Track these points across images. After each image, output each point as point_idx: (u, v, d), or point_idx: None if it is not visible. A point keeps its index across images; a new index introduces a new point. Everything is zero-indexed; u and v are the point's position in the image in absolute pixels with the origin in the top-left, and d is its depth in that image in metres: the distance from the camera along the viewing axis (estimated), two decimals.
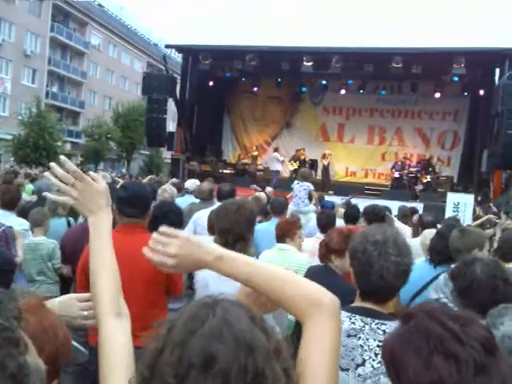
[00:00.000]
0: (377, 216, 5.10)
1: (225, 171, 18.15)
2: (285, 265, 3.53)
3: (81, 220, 5.94)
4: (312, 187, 9.10)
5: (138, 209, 2.90)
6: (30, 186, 10.29)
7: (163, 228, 1.27)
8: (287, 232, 3.94)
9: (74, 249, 3.20)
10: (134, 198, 2.91)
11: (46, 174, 1.48)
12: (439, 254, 3.33)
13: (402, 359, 0.99)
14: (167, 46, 20.86)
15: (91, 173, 1.46)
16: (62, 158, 1.48)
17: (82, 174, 1.41)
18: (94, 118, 40.86)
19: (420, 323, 1.01)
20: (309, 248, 4.27)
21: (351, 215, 5.72)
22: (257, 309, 1.28)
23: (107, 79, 49.38)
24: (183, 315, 0.91)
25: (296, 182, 9.28)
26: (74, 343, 3.41)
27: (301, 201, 8.72)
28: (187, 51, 18.29)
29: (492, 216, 8.20)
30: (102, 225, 1.40)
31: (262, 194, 8.22)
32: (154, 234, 1.27)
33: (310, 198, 9.04)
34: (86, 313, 1.43)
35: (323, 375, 1.03)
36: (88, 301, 1.43)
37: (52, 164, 1.41)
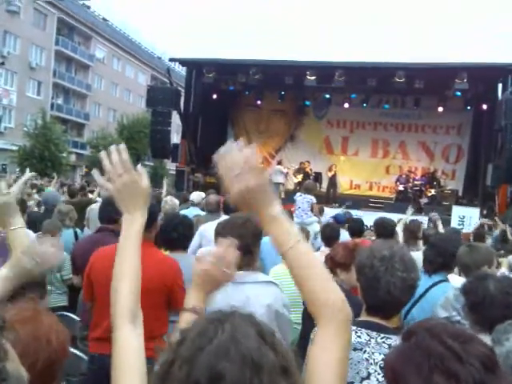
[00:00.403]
0: (386, 230, 5.08)
1: None
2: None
3: (87, 231, 6.00)
4: (314, 200, 9.11)
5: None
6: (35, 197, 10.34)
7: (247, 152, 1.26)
8: None
9: (84, 260, 3.22)
10: None
11: (94, 171, 1.47)
12: (431, 263, 3.35)
13: (403, 377, 0.99)
14: (171, 60, 21.01)
15: (139, 167, 1.43)
16: (122, 146, 1.44)
17: (131, 166, 1.39)
18: (99, 130, 41.08)
19: (421, 341, 1.01)
20: None
21: (356, 228, 5.72)
22: (206, 286, 1.34)
23: (112, 92, 49.76)
24: (193, 329, 0.92)
25: (299, 194, 9.30)
26: (76, 352, 3.41)
27: (304, 213, 8.73)
28: (191, 64, 18.46)
29: (486, 220, 8.14)
30: (133, 226, 1.38)
31: None
32: (234, 156, 1.27)
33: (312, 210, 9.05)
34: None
35: (329, 379, 1.05)
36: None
37: (112, 147, 1.38)
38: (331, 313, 1.14)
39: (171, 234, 3.62)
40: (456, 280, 3.38)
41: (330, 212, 10.33)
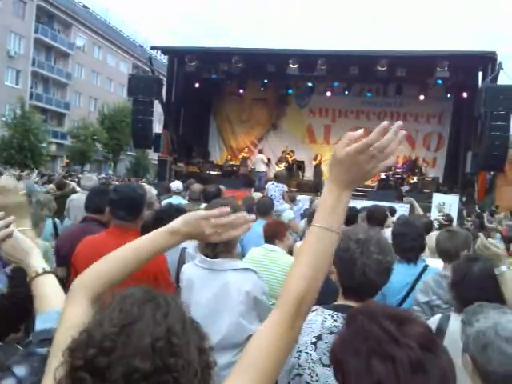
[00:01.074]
0: (380, 216, 5.08)
1: (212, 172, 18.14)
2: (271, 266, 3.58)
3: (68, 222, 5.93)
4: (286, 189, 9.31)
5: (129, 211, 2.90)
6: None
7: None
8: (277, 233, 3.95)
9: (70, 251, 3.16)
10: (126, 201, 2.91)
11: None
12: (412, 250, 3.39)
13: (344, 363, 0.99)
14: (153, 48, 20.78)
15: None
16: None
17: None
18: (80, 120, 40.56)
19: (360, 325, 1.00)
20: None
21: (352, 217, 5.73)
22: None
23: (92, 81, 49.07)
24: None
25: (271, 182, 9.46)
26: None
27: (276, 200, 8.82)
28: (173, 53, 18.27)
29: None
30: (160, 240, 1.35)
31: (256, 194, 8.27)
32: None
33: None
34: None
35: (261, 362, 1.05)
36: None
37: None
38: (293, 302, 1.12)
39: (165, 222, 3.60)
40: (435, 264, 3.43)
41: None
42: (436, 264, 3.36)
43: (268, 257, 3.73)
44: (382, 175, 17.14)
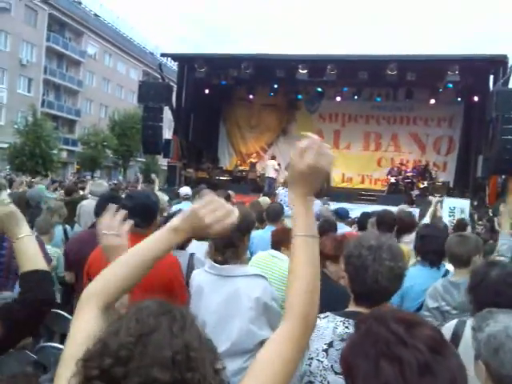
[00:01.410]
0: (388, 222, 5.03)
1: (221, 178, 18.17)
2: (273, 271, 3.56)
3: (78, 228, 5.96)
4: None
5: (141, 218, 2.88)
6: None
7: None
8: (283, 239, 3.92)
9: (79, 256, 3.16)
10: (140, 208, 2.89)
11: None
12: (436, 253, 3.37)
13: (354, 366, 0.99)
14: (163, 55, 20.93)
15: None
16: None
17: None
18: (90, 126, 40.85)
19: (369, 329, 1.01)
20: None
21: (363, 223, 5.72)
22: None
23: (103, 88, 49.49)
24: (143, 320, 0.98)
25: (281, 187, 9.46)
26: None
27: (285, 205, 8.80)
28: (183, 60, 18.38)
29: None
30: (168, 240, 1.34)
31: (263, 199, 8.24)
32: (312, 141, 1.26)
33: None
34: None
35: (269, 374, 1.07)
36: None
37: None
38: (301, 315, 1.16)
39: None
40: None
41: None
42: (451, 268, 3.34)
43: (270, 262, 3.70)
44: (392, 180, 17.07)
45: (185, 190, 8.03)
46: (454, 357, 0.96)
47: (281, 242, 3.91)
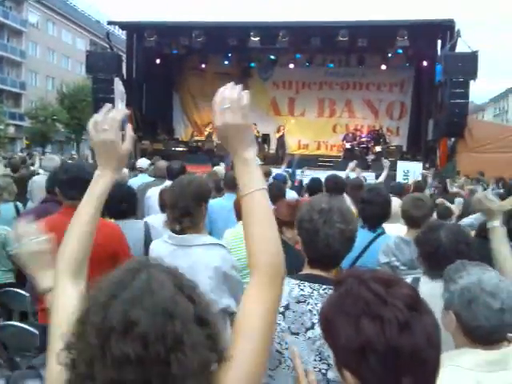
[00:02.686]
0: (336, 186, 5.16)
1: (177, 149, 17.96)
2: None
3: (31, 204, 5.81)
4: (259, 161, 9.23)
5: (78, 190, 2.85)
6: None
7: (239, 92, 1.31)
8: None
9: None
10: (75, 180, 2.86)
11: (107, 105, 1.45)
12: (372, 218, 3.47)
13: (335, 325, 1.03)
14: (110, 23, 20.15)
15: (129, 132, 1.46)
16: (109, 106, 1.45)
17: (117, 126, 1.41)
18: (38, 100, 39.25)
19: (349, 288, 1.05)
20: None
21: (314, 188, 5.80)
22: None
23: (48, 58, 47.37)
24: (110, 278, 0.95)
25: None
26: (29, 327, 3.37)
27: None
28: (131, 28, 17.79)
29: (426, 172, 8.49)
30: (99, 183, 1.40)
31: (219, 168, 8.23)
32: (230, 92, 1.31)
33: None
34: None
35: (257, 332, 1.09)
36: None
37: (108, 105, 1.41)
38: (265, 266, 1.16)
39: (121, 205, 3.62)
40: (394, 230, 3.53)
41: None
42: (397, 229, 3.46)
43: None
44: (348, 145, 17.35)
45: (141, 163, 7.92)
46: (428, 313, 1.02)
47: None
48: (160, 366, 0.87)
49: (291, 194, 5.91)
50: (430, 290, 2.34)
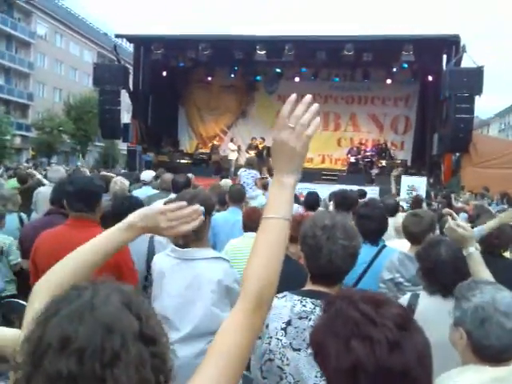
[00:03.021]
0: (346, 201, 5.14)
1: (182, 161, 18.03)
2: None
3: (35, 215, 5.83)
4: (258, 175, 9.34)
5: (85, 203, 2.88)
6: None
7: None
8: (257, 220, 3.95)
9: (33, 243, 3.15)
10: (81, 192, 2.89)
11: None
12: (373, 233, 3.47)
13: (324, 346, 1.03)
14: (117, 36, 20.33)
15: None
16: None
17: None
18: (45, 111, 39.53)
19: (339, 309, 1.04)
20: None
21: (311, 202, 5.80)
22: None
23: (56, 70, 47.76)
24: (55, 297, 0.94)
25: (243, 169, 9.48)
26: None
27: (249, 187, 8.85)
28: (138, 41, 17.98)
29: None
30: (118, 237, 1.37)
31: (225, 182, 8.26)
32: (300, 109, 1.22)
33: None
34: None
35: (231, 352, 1.07)
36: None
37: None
38: (253, 293, 1.14)
39: (124, 217, 3.60)
40: (396, 244, 3.53)
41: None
42: (402, 245, 3.45)
43: (248, 244, 3.72)
44: (352, 159, 17.36)
45: (145, 175, 7.94)
46: (419, 332, 1.01)
47: (254, 222, 3.94)
48: (95, 383, 0.84)
49: (296, 208, 5.91)
50: (429, 306, 2.33)
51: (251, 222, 3.94)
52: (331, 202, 5.51)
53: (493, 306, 1.64)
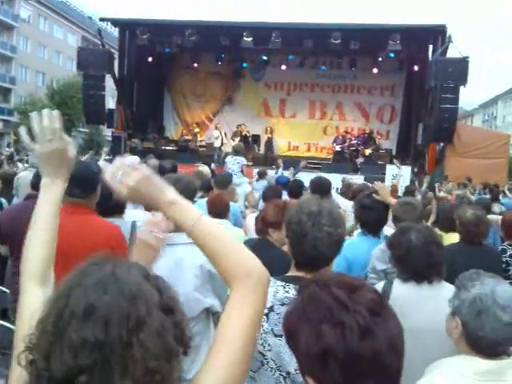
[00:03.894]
0: (322, 188, 5.17)
1: (167, 148, 17.87)
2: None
3: (16, 201, 5.75)
4: (245, 161, 9.33)
5: (81, 189, 2.83)
6: None
7: (130, 159, 1.25)
8: (222, 210, 3.96)
9: (12, 228, 3.14)
10: (78, 178, 2.83)
11: (21, 128, 1.47)
12: (373, 224, 3.47)
13: (296, 331, 1.02)
14: (102, 20, 19.92)
15: (67, 138, 1.46)
16: (55, 112, 1.48)
17: (61, 134, 1.42)
18: (27, 95, 38.86)
19: (312, 294, 1.03)
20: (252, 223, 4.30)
21: (295, 189, 5.80)
22: (143, 256, 1.35)
23: (39, 54, 46.93)
24: (74, 270, 0.95)
25: (230, 156, 9.48)
26: (9, 325, 3.31)
27: (234, 173, 8.85)
28: (123, 25, 17.69)
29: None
30: (52, 192, 1.40)
31: (205, 168, 8.23)
32: (117, 162, 1.24)
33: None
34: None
35: (238, 343, 1.05)
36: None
37: (45, 112, 1.44)
38: (243, 280, 1.13)
39: (108, 201, 3.57)
40: (385, 232, 3.53)
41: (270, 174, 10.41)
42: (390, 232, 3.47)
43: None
44: (338, 148, 17.38)
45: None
46: (392, 318, 1.00)
47: (222, 212, 3.94)
48: (121, 349, 0.85)
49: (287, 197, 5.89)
50: (403, 293, 2.34)
51: (214, 208, 3.96)
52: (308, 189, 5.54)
53: (491, 298, 1.64)
